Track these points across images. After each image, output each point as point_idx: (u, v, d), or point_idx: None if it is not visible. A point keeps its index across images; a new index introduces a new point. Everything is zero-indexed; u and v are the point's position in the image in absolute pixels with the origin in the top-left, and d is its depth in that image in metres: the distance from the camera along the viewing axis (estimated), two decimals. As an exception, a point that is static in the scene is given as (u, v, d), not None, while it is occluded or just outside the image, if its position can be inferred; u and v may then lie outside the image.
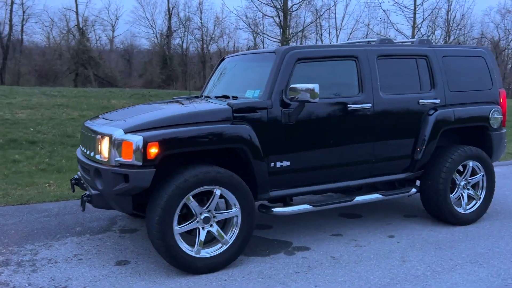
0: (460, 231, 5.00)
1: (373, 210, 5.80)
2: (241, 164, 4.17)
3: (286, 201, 4.55)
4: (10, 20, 36.10)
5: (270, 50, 4.64)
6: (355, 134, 4.62)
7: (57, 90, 19.41)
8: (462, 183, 5.21)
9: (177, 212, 3.75)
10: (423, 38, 5.71)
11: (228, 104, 4.14)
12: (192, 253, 3.83)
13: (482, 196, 5.33)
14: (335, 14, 34.68)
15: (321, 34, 34.99)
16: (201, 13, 39.14)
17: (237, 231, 4.00)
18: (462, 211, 5.19)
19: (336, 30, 36.42)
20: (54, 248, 4.46)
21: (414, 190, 5.07)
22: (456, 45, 8.84)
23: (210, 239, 4.02)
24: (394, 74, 4.94)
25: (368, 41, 5.42)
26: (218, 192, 3.89)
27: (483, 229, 5.07)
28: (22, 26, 37.03)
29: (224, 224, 4.07)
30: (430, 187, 5.06)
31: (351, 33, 35.30)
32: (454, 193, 5.17)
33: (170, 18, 37.65)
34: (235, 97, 4.55)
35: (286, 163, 4.31)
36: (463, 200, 5.23)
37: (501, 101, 5.52)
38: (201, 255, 3.87)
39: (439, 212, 5.14)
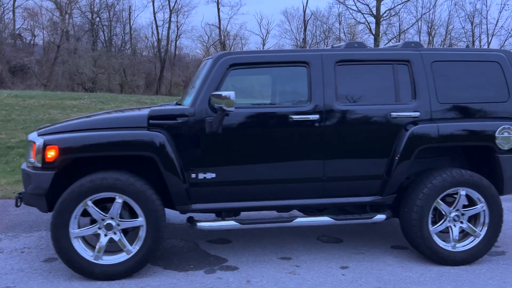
0: (438, 272, 4.13)
1: (361, 235, 5.11)
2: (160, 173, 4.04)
3: (222, 215, 4.27)
4: (168, 37, 40.10)
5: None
6: (298, 148, 4.13)
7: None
8: (453, 214, 4.30)
9: (75, 215, 3.78)
10: (412, 40, 4.85)
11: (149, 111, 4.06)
12: (90, 258, 3.82)
13: (482, 233, 4.32)
14: (486, 19, 31.38)
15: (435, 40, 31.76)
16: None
17: (142, 241, 3.88)
18: (449, 248, 4.28)
19: (488, 37, 32.92)
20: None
21: (382, 216, 4.32)
22: (461, 48, 7.27)
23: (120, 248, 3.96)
24: (359, 82, 4.31)
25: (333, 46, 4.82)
26: (119, 199, 3.82)
27: (473, 274, 4.11)
28: (176, 41, 40.81)
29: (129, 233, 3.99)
30: (406, 215, 4.28)
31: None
32: (438, 224, 4.29)
33: (305, 30, 37.99)
34: (178, 104, 4.44)
35: (210, 175, 4.05)
36: (452, 235, 4.31)
37: (522, 115, 4.43)
38: (100, 261, 3.83)
39: (416, 246, 4.32)
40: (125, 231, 3.99)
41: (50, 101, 13.76)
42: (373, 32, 17.16)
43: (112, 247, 3.93)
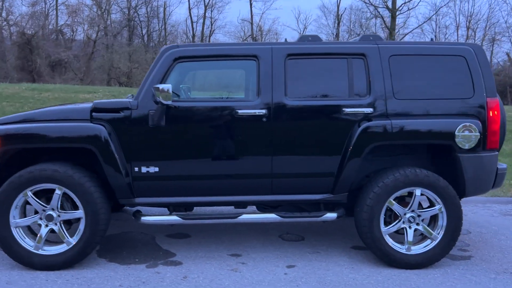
0: (387, 275, 3.96)
1: (326, 234, 4.97)
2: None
3: (169, 209, 4.26)
4: (202, 32, 40.41)
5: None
6: (244, 144, 4.05)
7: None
8: (408, 215, 4.10)
9: (15, 205, 3.84)
10: (371, 34, 4.61)
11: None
12: (31, 248, 3.88)
13: (439, 237, 4.11)
14: None
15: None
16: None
17: (81, 234, 3.90)
18: (403, 251, 4.09)
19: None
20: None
21: (332, 215, 4.18)
22: (425, 42, 6.89)
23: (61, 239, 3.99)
24: (311, 77, 4.18)
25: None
26: (59, 191, 3.86)
27: (424, 278, 3.91)
28: (210, 37, 41.04)
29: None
30: (358, 215, 4.13)
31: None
32: (391, 225, 4.11)
33: (338, 25, 37.34)
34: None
35: (154, 169, 4.02)
36: (406, 237, 4.11)
37: (490, 114, 4.16)
38: (40, 252, 3.89)
39: (368, 247, 4.17)
40: (69, 223, 4.04)
41: (65, 94, 14.11)
42: (388, 26, 16.56)
43: (56, 238, 3.98)
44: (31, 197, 3.85)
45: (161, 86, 3.74)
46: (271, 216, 4.14)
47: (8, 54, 33.54)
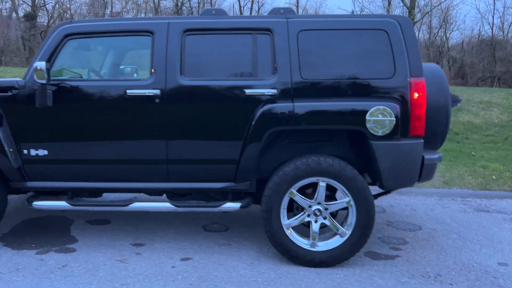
0: (282, 273, 3.60)
1: (255, 224, 4.63)
2: None
3: (69, 193, 4.07)
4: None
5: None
6: (136, 127, 3.77)
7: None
8: (315, 207, 3.71)
9: None
10: (283, 7, 4.11)
11: None
12: None
13: (348, 233, 3.69)
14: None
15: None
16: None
17: None
18: (307, 247, 3.71)
19: None
20: None
21: (234, 205, 3.84)
22: (342, 14, 6.11)
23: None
24: (212, 54, 3.84)
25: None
26: None
27: (322, 278, 3.52)
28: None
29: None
30: (261, 206, 3.78)
31: None
32: (294, 218, 3.74)
33: (389, 4, 35.63)
34: None
35: (43, 152, 3.85)
36: (311, 231, 3.72)
37: (414, 96, 3.66)
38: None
39: (269, 241, 3.81)
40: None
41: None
42: (407, 5, 15.31)
43: None
44: None
45: (36, 64, 3.53)
46: (165, 205, 3.86)
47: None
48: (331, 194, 3.81)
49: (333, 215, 3.81)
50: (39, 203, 3.93)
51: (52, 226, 4.54)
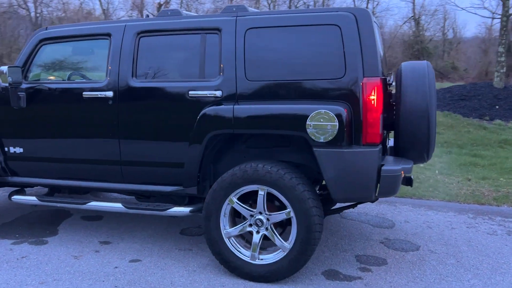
0: (216, 283, 3.43)
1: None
2: None
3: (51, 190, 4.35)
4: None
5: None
6: (93, 127, 3.88)
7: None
8: (257, 217, 3.47)
9: None
10: (236, 5, 3.78)
11: None
12: None
13: (288, 247, 3.38)
14: None
15: None
16: None
17: None
18: (246, 259, 3.48)
19: None
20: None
21: (182, 210, 3.74)
22: (296, 9, 5.02)
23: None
24: (163, 56, 3.80)
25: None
26: None
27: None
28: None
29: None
30: (205, 213, 3.65)
31: None
32: (234, 228, 3.53)
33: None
34: None
35: (19, 150, 4.14)
36: (253, 242, 3.48)
37: (367, 98, 3.25)
38: None
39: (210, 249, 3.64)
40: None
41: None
42: None
43: None
44: None
45: (1, 68, 3.81)
46: (117, 206, 3.90)
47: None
48: (281, 204, 3.52)
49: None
50: (16, 197, 4.24)
51: (49, 219, 4.86)
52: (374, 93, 3.22)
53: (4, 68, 3.78)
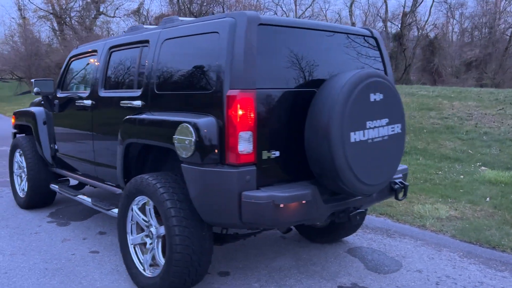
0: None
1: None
2: None
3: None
4: None
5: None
6: (80, 131, 4.57)
7: None
8: (152, 228, 3.44)
9: None
10: (175, 16, 3.45)
11: None
12: None
13: (161, 263, 3.26)
14: None
15: None
16: None
17: None
18: (140, 269, 3.49)
19: None
20: None
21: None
22: (194, 19, 2.57)
23: None
24: (120, 68, 4.17)
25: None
26: None
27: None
28: None
29: None
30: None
31: None
32: (135, 236, 3.57)
33: None
34: None
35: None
36: (147, 254, 3.47)
37: (229, 113, 2.90)
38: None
39: (124, 254, 3.77)
40: None
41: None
42: None
43: None
44: None
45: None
46: (86, 199, 4.45)
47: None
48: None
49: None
50: (52, 186, 5.20)
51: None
52: (237, 108, 2.85)
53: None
